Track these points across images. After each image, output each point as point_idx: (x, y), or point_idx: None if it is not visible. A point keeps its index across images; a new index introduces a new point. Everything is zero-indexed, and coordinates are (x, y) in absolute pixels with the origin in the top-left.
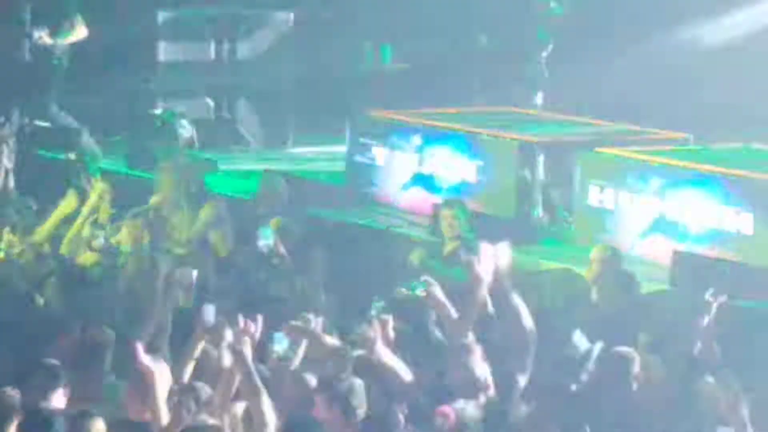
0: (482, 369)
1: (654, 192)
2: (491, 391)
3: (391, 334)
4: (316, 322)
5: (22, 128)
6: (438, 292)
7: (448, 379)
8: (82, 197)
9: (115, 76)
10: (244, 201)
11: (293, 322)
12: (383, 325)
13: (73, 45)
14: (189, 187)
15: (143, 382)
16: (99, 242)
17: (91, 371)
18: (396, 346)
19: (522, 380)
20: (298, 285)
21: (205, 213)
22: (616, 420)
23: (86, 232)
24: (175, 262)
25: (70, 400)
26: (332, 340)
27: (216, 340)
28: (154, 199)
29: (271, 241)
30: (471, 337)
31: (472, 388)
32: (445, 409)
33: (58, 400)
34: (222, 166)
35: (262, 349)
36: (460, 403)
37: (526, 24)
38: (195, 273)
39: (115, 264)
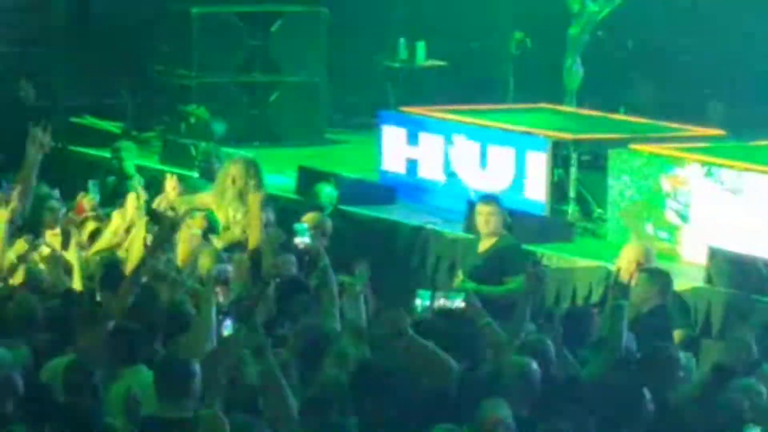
0: None
1: (688, 189)
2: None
3: None
4: None
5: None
6: (478, 303)
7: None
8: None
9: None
10: (280, 198)
11: None
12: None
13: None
14: (249, 185)
15: None
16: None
17: None
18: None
19: None
20: (333, 282)
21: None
22: (654, 417)
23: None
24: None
25: None
26: None
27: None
28: (209, 197)
29: (307, 238)
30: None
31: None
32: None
33: None
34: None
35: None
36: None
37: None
38: (230, 268)
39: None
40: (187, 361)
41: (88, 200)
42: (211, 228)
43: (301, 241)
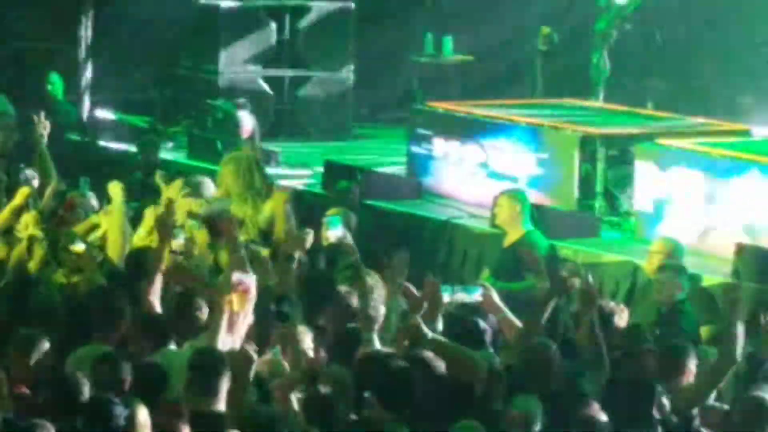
0: None
1: (714, 183)
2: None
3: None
4: None
5: (84, 120)
6: (495, 297)
7: None
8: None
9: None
10: (306, 192)
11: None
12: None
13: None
14: (252, 180)
15: None
16: (179, 242)
17: None
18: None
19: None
20: (365, 276)
21: (270, 207)
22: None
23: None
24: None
25: None
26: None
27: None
28: (216, 194)
29: (339, 232)
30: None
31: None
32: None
33: None
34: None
35: None
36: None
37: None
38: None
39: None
40: (220, 356)
41: (76, 196)
42: None
43: (333, 234)
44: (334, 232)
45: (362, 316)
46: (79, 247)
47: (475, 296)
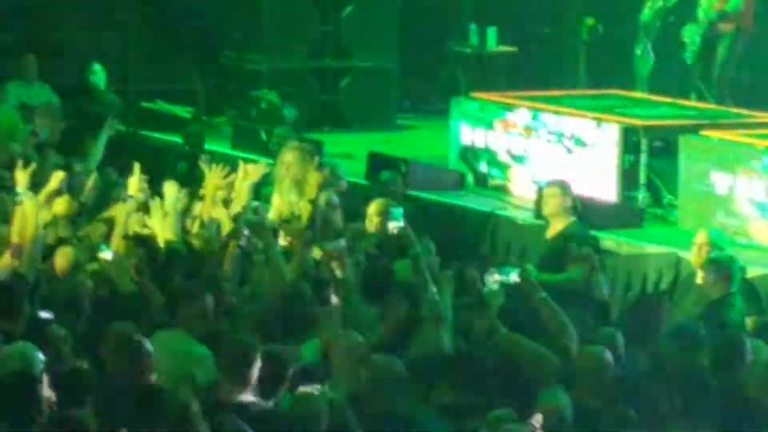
0: None
1: (758, 175)
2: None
3: None
4: None
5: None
6: (533, 279)
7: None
8: (191, 180)
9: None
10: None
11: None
12: None
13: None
14: (306, 171)
15: None
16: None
17: None
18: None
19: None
20: (425, 269)
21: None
22: (723, 404)
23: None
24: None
25: None
26: None
27: None
28: (285, 182)
29: (401, 223)
30: None
31: None
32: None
33: None
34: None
35: None
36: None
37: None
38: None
39: None
40: (283, 353)
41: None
42: None
43: (395, 225)
44: (397, 223)
45: (424, 308)
46: (105, 255)
47: (513, 276)
